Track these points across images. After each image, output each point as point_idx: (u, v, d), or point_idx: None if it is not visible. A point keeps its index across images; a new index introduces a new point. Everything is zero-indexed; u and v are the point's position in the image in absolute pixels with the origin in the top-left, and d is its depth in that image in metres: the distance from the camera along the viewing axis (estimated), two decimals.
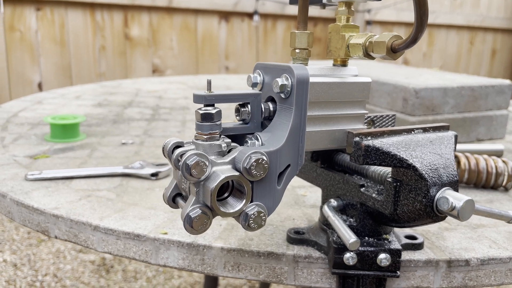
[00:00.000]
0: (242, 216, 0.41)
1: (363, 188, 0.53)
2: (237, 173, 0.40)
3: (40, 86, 2.86)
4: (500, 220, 0.54)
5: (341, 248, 0.52)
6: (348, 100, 0.50)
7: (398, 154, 0.47)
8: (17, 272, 2.02)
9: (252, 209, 0.41)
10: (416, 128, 0.51)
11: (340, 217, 0.55)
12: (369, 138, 0.48)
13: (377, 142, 0.47)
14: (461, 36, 4.19)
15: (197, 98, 0.43)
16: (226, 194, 0.43)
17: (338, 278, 0.54)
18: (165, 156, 0.44)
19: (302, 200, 0.73)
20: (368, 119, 0.60)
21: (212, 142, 0.42)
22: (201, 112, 0.42)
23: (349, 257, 0.52)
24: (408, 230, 0.61)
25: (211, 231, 0.60)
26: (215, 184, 0.38)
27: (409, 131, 0.51)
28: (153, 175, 0.80)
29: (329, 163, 0.59)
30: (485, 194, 0.77)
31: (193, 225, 0.39)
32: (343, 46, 0.48)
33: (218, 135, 0.42)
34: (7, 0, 2.65)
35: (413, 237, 0.58)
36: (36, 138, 1.01)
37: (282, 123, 0.45)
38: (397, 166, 0.47)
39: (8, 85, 2.78)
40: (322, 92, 0.48)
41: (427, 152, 0.48)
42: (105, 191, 0.73)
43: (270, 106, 0.47)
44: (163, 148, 0.44)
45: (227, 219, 0.64)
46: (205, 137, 0.42)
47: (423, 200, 0.46)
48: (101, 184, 0.76)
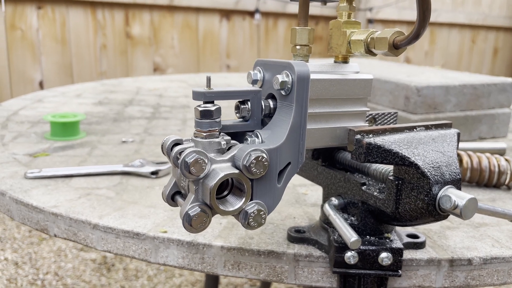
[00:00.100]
0: (242, 215, 0.40)
1: (365, 187, 0.52)
2: (237, 171, 0.39)
3: (41, 85, 2.86)
4: (503, 219, 0.54)
5: (342, 247, 0.51)
6: (350, 97, 0.49)
7: (400, 152, 0.46)
8: (18, 271, 2.02)
9: (252, 208, 0.40)
10: (418, 126, 0.51)
11: (341, 216, 0.54)
12: (371, 136, 0.47)
13: (379, 140, 0.47)
14: (463, 35, 4.17)
15: (197, 95, 0.42)
16: (226, 192, 0.42)
17: (339, 277, 0.53)
18: (164, 154, 0.44)
19: (303, 199, 0.73)
20: (370, 117, 0.59)
21: (212, 140, 0.41)
22: (200, 109, 0.41)
23: (350, 256, 0.51)
24: (410, 229, 0.60)
25: (211, 230, 0.60)
26: (214, 182, 0.38)
27: (411, 129, 0.50)
28: (153, 173, 0.79)
29: (330, 161, 0.59)
30: (488, 193, 0.77)
31: (192, 224, 0.39)
32: (345, 43, 0.48)
33: (218, 133, 0.42)
34: None
35: (415, 236, 0.58)
36: (36, 136, 1.01)
37: (283, 121, 0.44)
38: (399, 164, 0.47)
39: (9, 84, 2.78)
40: (323, 89, 0.47)
41: (430, 150, 0.47)
42: (105, 189, 0.73)
43: (271, 103, 0.47)
44: (162, 146, 0.44)
45: (227, 218, 0.64)
46: (204, 135, 0.41)
47: (425, 199, 0.45)
48: (101, 183, 0.76)
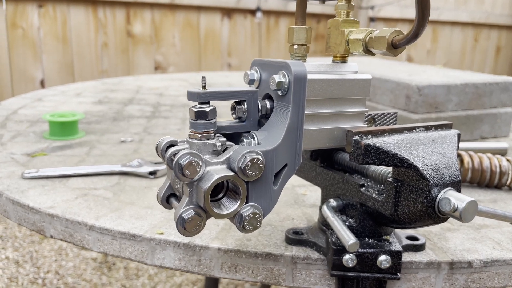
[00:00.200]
0: (237, 218, 0.40)
1: (363, 188, 0.51)
2: (232, 173, 0.39)
3: (43, 83, 2.85)
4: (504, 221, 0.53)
5: (340, 250, 0.51)
6: (348, 98, 0.48)
7: (399, 154, 0.45)
8: (19, 269, 2.02)
9: (247, 211, 0.40)
10: (418, 127, 0.50)
11: (340, 218, 0.54)
12: (369, 137, 0.47)
13: (377, 141, 0.46)
14: (466, 33, 4.15)
15: (192, 96, 0.42)
16: (221, 195, 0.41)
17: (337, 280, 0.52)
18: (159, 155, 0.43)
19: (302, 200, 0.72)
20: (369, 117, 0.58)
21: (207, 141, 0.40)
22: (195, 110, 0.40)
23: (349, 259, 0.50)
24: (410, 231, 0.59)
25: (208, 231, 0.59)
26: (209, 185, 0.37)
27: (411, 130, 0.50)
28: (151, 174, 0.78)
29: (329, 162, 0.58)
30: (489, 194, 0.76)
31: (186, 227, 0.38)
32: (343, 42, 0.47)
33: (213, 134, 0.41)
34: None
35: (415, 238, 0.57)
36: (35, 136, 1.00)
37: (279, 121, 0.44)
38: (398, 166, 0.46)
39: (11, 82, 2.77)
40: (321, 90, 0.46)
41: (429, 151, 0.47)
42: (102, 190, 0.72)
43: (267, 104, 0.46)
44: (157, 147, 0.43)
45: (225, 219, 0.63)
46: (199, 136, 0.40)
47: (425, 201, 0.45)
48: (98, 183, 0.75)
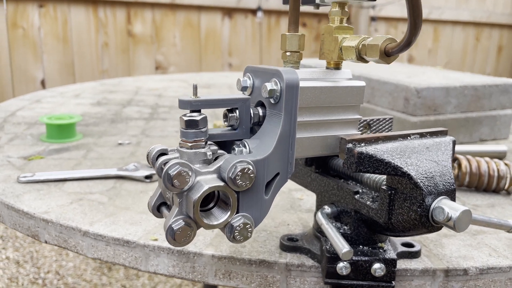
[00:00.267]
0: (227, 228, 0.39)
1: (358, 195, 0.51)
2: (222, 183, 0.38)
3: (43, 83, 2.85)
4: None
5: (334, 258, 0.50)
6: (341, 105, 0.48)
7: (393, 162, 0.45)
8: (20, 270, 2.02)
9: (238, 221, 0.39)
10: (413, 134, 0.49)
11: (334, 225, 0.53)
12: (363, 145, 0.46)
13: (371, 149, 0.45)
14: (467, 32, 4.13)
15: (183, 104, 0.41)
16: (212, 204, 0.41)
17: None
18: (150, 164, 0.43)
19: (298, 204, 0.72)
20: (364, 123, 0.58)
21: (197, 150, 0.40)
22: (186, 119, 0.40)
23: (342, 267, 0.50)
24: (405, 238, 0.59)
25: (203, 237, 0.59)
26: (198, 196, 0.37)
27: (405, 137, 0.49)
28: (147, 178, 0.78)
29: (324, 168, 0.58)
30: (487, 198, 0.75)
31: (176, 238, 0.38)
32: (336, 49, 0.46)
33: (204, 143, 0.41)
34: None
35: (410, 245, 0.56)
36: (32, 138, 1.00)
37: (271, 130, 0.43)
38: (392, 174, 0.45)
39: (11, 82, 2.77)
40: (313, 97, 0.46)
41: (423, 159, 0.46)
42: (98, 194, 0.72)
43: (260, 111, 0.45)
44: (147, 156, 0.43)
45: None
46: (190, 145, 0.40)
47: (418, 210, 0.44)
48: (94, 187, 0.75)
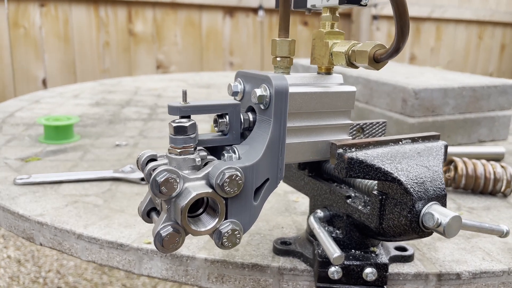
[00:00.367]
0: (216, 234, 0.39)
1: (350, 200, 0.51)
2: (210, 190, 0.38)
3: (45, 83, 2.86)
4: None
5: (326, 262, 0.50)
6: (331, 110, 0.48)
7: (383, 167, 0.45)
8: (21, 268, 2.03)
9: (226, 227, 0.39)
10: (404, 138, 0.49)
11: (326, 229, 0.53)
12: (353, 150, 0.46)
13: (361, 154, 0.45)
14: (470, 31, 4.12)
15: (172, 110, 0.41)
16: (201, 210, 0.41)
17: None
18: (139, 169, 0.43)
19: (293, 207, 0.72)
20: (358, 127, 0.58)
21: (186, 156, 0.40)
22: (174, 125, 0.40)
23: (334, 271, 0.50)
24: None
25: (196, 240, 0.59)
26: (186, 202, 0.37)
27: (397, 142, 0.49)
28: (143, 180, 0.78)
29: (317, 172, 0.58)
30: (483, 201, 0.75)
31: (164, 244, 0.38)
32: (327, 54, 0.46)
33: (193, 149, 0.41)
34: None
35: (404, 249, 0.56)
36: (30, 140, 1.00)
37: (261, 135, 0.43)
38: (382, 180, 0.45)
39: (13, 82, 2.78)
40: (303, 103, 0.46)
41: (414, 165, 0.46)
42: (93, 197, 0.72)
43: (250, 117, 0.45)
44: (137, 161, 0.43)
45: None
46: (179, 151, 0.40)
47: (408, 216, 0.44)
48: (90, 189, 0.75)
